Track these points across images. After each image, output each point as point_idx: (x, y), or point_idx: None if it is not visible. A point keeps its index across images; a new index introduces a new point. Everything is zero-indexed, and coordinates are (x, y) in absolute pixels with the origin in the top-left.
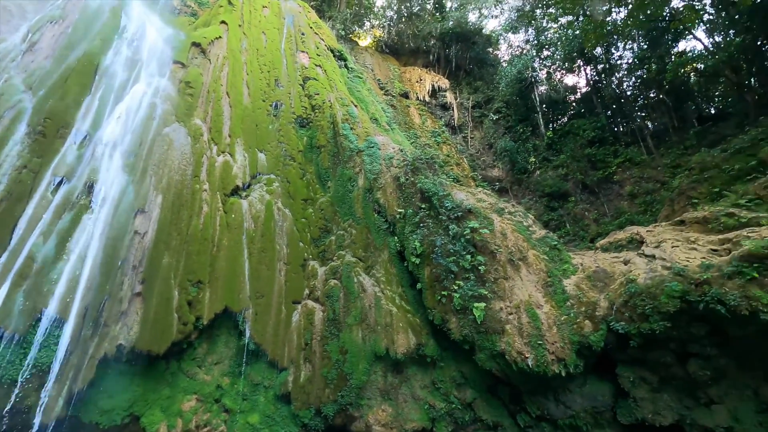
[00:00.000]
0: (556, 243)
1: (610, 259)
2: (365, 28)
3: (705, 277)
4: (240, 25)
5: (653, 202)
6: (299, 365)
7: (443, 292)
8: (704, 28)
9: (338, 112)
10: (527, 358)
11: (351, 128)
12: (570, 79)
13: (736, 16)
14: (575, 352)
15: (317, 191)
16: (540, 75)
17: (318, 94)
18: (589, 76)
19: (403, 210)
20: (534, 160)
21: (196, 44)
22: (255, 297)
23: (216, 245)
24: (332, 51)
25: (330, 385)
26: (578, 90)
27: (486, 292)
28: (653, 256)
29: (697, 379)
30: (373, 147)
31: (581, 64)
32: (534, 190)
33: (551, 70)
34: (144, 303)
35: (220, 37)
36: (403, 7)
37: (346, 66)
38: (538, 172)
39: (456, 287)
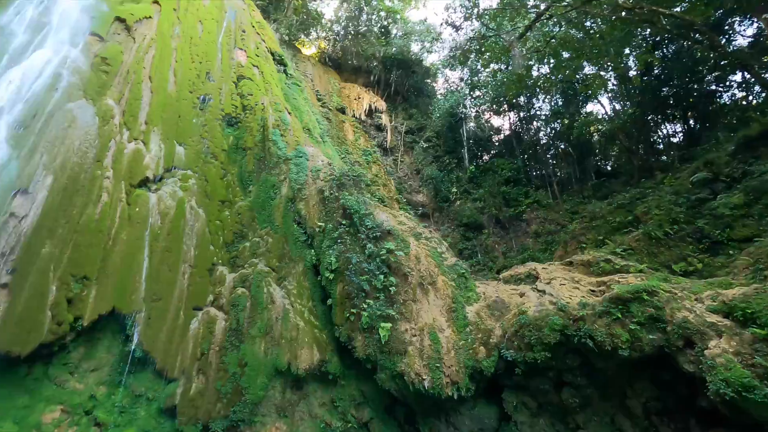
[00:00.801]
0: (464, 271)
1: (509, 291)
2: (311, 37)
3: (581, 314)
4: (175, 9)
5: (553, 242)
6: (191, 376)
7: (353, 310)
8: (608, 96)
9: (270, 117)
10: (424, 379)
11: (281, 135)
12: (496, 121)
13: (632, 91)
14: (468, 376)
15: (237, 194)
16: (470, 113)
17: (251, 94)
18: (512, 120)
19: (323, 223)
20: (456, 190)
21: (120, 19)
22: (151, 299)
23: (112, 239)
24: (273, 54)
25: (223, 399)
26: (502, 131)
27: (394, 313)
28: (544, 291)
29: (568, 406)
30: (301, 157)
31: (507, 108)
32: (453, 219)
33: (480, 110)
34: (10, 296)
35: (150, 17)
36: (350, 24)
37: (285, 71)
38: (458, 202)
39: (365, 306)
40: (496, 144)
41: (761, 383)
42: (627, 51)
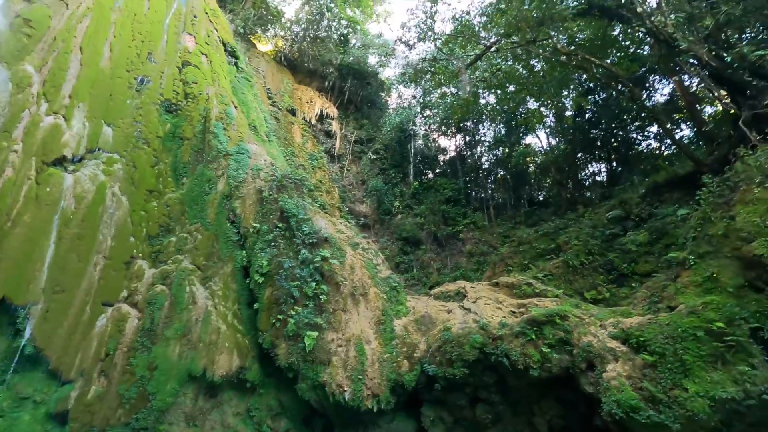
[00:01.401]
0: (396, 285)
1: (438, 307)
2: (269, 34)
3: (500, 333)
4: None
5: (484, 263)
6: (91, 379)
7: (279, 316)
8: (546, 131)
9: (214, 108)
10: (345, 391)
11: (224, 128)
12: (443, 141)
13: (566, 129)
14: (390, 389)
15: (168, 185)
16: (419, 130)
17: (196, 82)
18: (458, 143)
19: (258, 225)
20: (398, 204)
21: None
22: (52, 290)
23: (12, 220)
24: (225, 45)
25: (125, 404)
26: (448, 152)
27: (322, 322)
28: (469, 310)
29: (481, 422)
30: (243, 153)
31: (454, 131)
32: (393, 232)
33: (429, 129)
34: None
35: None
36: (310, 27)
37: (236, 64)
38: (400, 216)
39: (293, 312)
40: (441, 163)
41: (645, 405)
42: (565, 92)
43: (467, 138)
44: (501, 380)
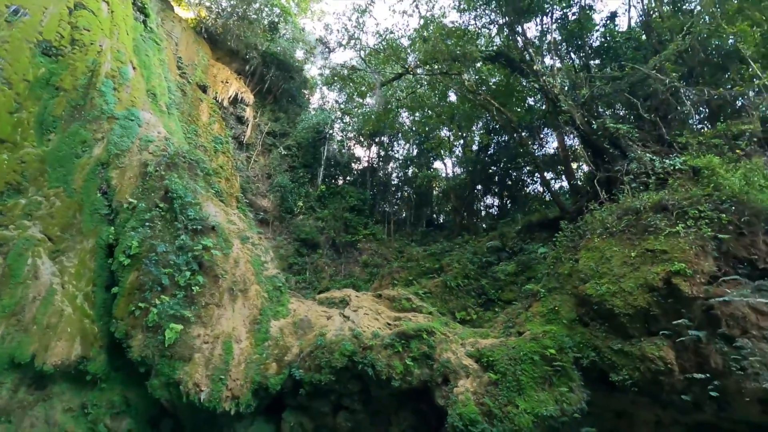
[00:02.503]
0: (281, 285)
1: (320, 312)
2: (192, 1)
3: (371, 343)
4: None
5: (376, 275)
6: None
7: (141, 304)
8: (452, 159)
9: (106, 63)
10: (202, 391)
11: (114, 88)
12: (359, 151)
13: (470, 161)
14: (252, 392)
15: (29, 138)
16: (336, 135)
17: (89, 30)
18: (372, 155)
19: (135, 201)
20: (302, 205)
21: None
22: None
23: None
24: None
25: None
26: (361, 162)
27: (190, 315)
28: (348, 318)
29: (340, 430)
30: (132, 120)
31: (370, 142)
32: (292, 232)
33: (345, 136)
34: None
35: None
36: (240, 5)
37: (144, 23)
38: (301, 217)
39: (158, 302)
40: (353, 172)
41: (483, 419)
42: (474, 128)
43: (381, 152)
44: (365, 389)
